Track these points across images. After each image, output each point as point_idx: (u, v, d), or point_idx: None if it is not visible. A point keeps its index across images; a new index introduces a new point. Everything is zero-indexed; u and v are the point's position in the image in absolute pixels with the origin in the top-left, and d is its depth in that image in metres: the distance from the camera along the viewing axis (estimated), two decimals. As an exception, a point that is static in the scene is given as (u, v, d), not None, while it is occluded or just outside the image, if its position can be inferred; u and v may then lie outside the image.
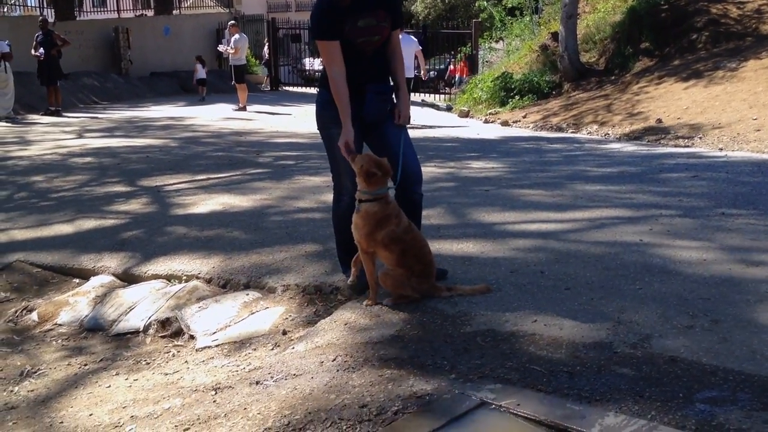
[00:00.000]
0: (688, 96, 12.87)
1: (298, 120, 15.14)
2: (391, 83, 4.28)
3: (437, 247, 4.95)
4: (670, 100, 12.96)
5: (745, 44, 14.16)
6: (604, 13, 18.01)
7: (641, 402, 2.78)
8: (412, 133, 4.22)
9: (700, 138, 10.93)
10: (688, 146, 10.65)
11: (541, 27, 20.06)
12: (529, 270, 4.45)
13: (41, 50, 16.30)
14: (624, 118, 12.98)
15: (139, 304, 4.67)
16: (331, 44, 3.96)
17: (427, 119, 15.29)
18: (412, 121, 4.26)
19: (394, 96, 4.22)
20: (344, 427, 2.74)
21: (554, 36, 17.42)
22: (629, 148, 10.76)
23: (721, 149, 10.11)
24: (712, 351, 3.19)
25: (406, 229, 3.91)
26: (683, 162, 8.74)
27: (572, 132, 13.14)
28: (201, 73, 20.94)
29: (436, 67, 25.47)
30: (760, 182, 7.08)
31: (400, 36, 4.43)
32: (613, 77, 15.78)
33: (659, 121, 12.18)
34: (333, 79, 4.00)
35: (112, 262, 5.37)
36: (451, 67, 25.80)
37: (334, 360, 3.36)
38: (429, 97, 21.36)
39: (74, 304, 4.87)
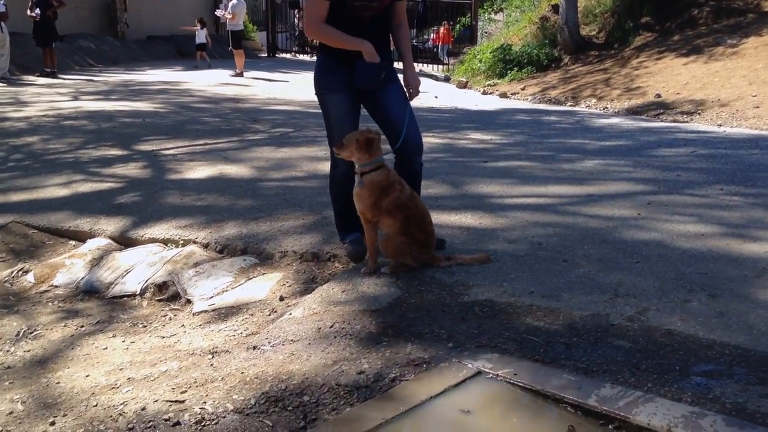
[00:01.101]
0: (687, 71, 12.83)
1: (295, 87, 15.06)
2: (392, 52, 4.24)
3: (436, 217, 4.92)
4: (670, 76, 12.91)
5: (746, 21, 14.09)
6: (606, -14, 17.89)
7: (637, 374, 2.79)
8: (411, 104, 4.19)
9: (699, 114, 10.92)
10: (686, 122, 10.64)
11: (542, -1, 19.92)
12: (527, 242, 4.45)
13: (37, 11, 16.12)
14: (623, 92, 12.94)
15: (136, 268, 4.66)
16: (320, 1, 3.86)
17: (425, 89, 15.21)
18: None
19: (402, 67, 4.19)
20: (341, 393, 2.75)
21: (555, 8, 17.30)
22: (628, 122, 10.74)
23: (719, 125, 10.10)
24: (709, 325, 3.21)
25: (410, 197, 3.90)
26: (682, 137, 8.73)
27: (570, 105, 13.10)
28: (200, 36, 19.85)
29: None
30: (758, 159, 7.08)
31: None
32: (612, 51, 15.71)
33: (658, 96, 12.15)
34: (315, 31, 3.94)
35: (109, 225, 5.35)
36: (433, 35, 25.57)
37: (332, 327, 3.36)
38: (427, 68, 21.23)
39: (70, 266, 4.86)
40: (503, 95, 14.77)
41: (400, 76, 4.16)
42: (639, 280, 3.75)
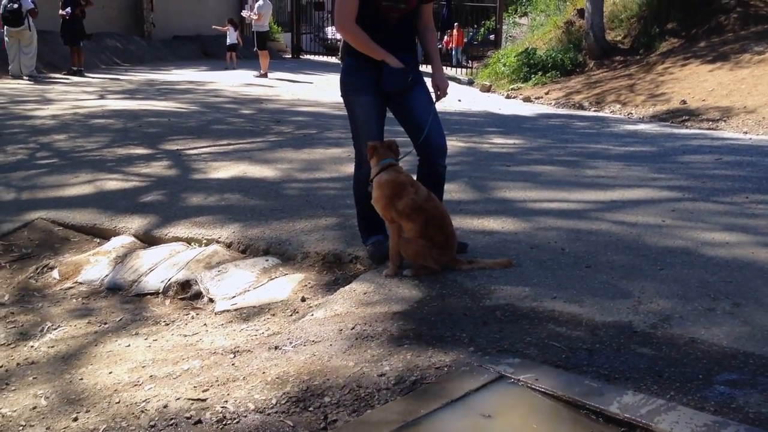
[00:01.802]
0: (713, 78, 12.72)
1: (320, 89, 15.10)
2: (419, 54, 4.26)
3: (458, 221, 4.94)
4: (695, 82, 12.81)
5: (775, 28, 13.96)
6: (632, -9, 17.78)
7: (660, 382, 2.77)
8: (435, 105, 4.20)
9: (725, 121, 10.83)
10: (712, 129, 10.55)
11: (567, 3, 19.83)
12: (550, 247, 4.43)
13: (68, 9, 16.29)
14: (647, 98, 12.86)
15: (159, 266, 4.70)
16: None
17: (449, 93, 15.16)
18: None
19: (431, 69, 4.20)
20: (362, 395, 2.76)
21: (580, 12, 17.22)
22: (652, 128, 10.67)
23: (745, 133, 10.01)
24: (733, 334, 3.18)
25: (427, 198, 3.91)
26: (707, 144, 8.66)
27: (594, 111, 13.04)
28: (232, 37, 19.56)
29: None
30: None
31: None
32: (638, 57, 15.60)
33: (683, 102, 12.06)
34: (346, 29, 3.96)
35: (133, 223, 5.40)
36: (445, 38, 25.45)
37: (353, 328, 3.37)
38: (451, 71, 21.22)
39: (95, 264, 4.90)
40: (527, 99, 14.72)
41: (426, 79, 4.17)
42: (663, 288, 3.73)
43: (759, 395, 2.67)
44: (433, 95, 4.20)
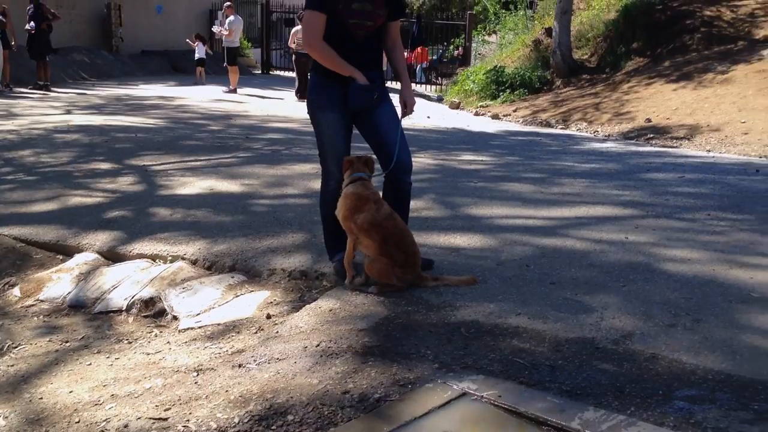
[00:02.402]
0: (677, 97, 12.92)
1: (290, 104, 15.10)
2: (385, 71, 4.29)
3: (425, 237, 4.96)
4: (660, 101, 13.00)
5: (737, 48, 14.22)
6: (599, 11, 18.04)
7: (621, 397, 2.80)
8: (403, 123, 4.22)
9: (688, 139, 10.99)
10: (675, 147, 10.71)
11: (535, 22, 20.06)
12: (515, 263, 4.47)
13: (32, 24, 16.14)
14: (613, 116, 13.02)
15: (123, 283, 4.65)
16: (317, 15, 3.95)
17: (418, 110, 15.25)
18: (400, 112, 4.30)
19: (399, 86, 4.24)
20: (326, 412, 2.75)
21: (548, 31, 17.43)
22: (618, 146, 10.81)
23: (708, 151, 10.17)
24: (693, 350, 3.22)
25: (387, 217, 3.93)
26: (671, 162, 8.79)
27: (561, 128, 13.17)
28: (200, 52, 19.59)
29: (430, 58, 25.41)
30: (746, 185, 7.12)
31: None
32: (604, 75, 15.82)
33: (648, 120, 12.23)
34: (313, 46, 4.00)
35: (97, 239, 5.34)
36: (407, 54, 25.56)
37: (318, 346, 3.36)
38: (420, 88, 21.33)
39: (57, 281, 4.84)
40: (495, 117, 14.84)
41: (393, 96, 4.20)
42: (625, 304, 3.77)
43: (717, 410, 2.70)
44: (399, 112, 4.22)
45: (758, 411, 2.70)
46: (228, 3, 18.93)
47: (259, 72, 25.35)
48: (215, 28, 19.31)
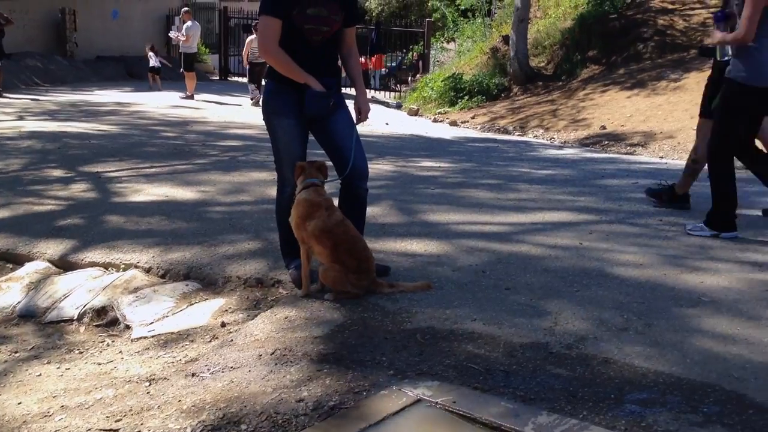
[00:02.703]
0: (631, 104, 13.13)
1: (247, 111, 15.01)
2: (342, 77, 4.29)
3: (381, 244, 4.97)
4: (615, 108, 13.20)
5: (689, 56, 14.49)
6: (555, 19, 18.27)
7: (574, 402, 2.82)
8: (361, 130, 4.23)
9: (642, 146, 11.17)
10: (630, 153, 10.88)
11: (493, 30, 20.24)
12: (471, 269, 4.49)
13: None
14: (569, 123, 13.19)
15: (75, 292, 4.58)
16: (273, 20, 3.93)
17: (377, 116, 15.30)
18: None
19: (354, 93, 4.25)
20: (280, 421, 2.73)
21: (505, 39, 17.60)
22: (573, 153, 10.94)
23: (662, 157, 10.34)
24: (644, 354, 3.27)
25: (338, 223, 3.92)
26: (625, 168, 8.92)
27: (518, 135, 13.30)
28: (154, 61, 19.68)
29: (388, 65, 25.48)
30: (698, 191, 7.23)
31: None
32: (560, 83, 16.02)
33: (603, 127, 12.41)
34: (269, 52, 3.98)
35: (48, 248, 5.25)
36: (363, 60, 25.62)
37: (273, 354, 3.34)
38: (379, 95, 21.37)
39: (7, 290, 4.75)
40: (453, 123, 14.93)
41: (349, 102, 4.20)
42: (578, 309, 3.81)
43: (668, 413, 2.74)
44: (354, 118, 4.22)
45: (707, 414, 2.75)
46: (185, 8, 18.81)
47: (217, 78, 25.17)
48: (172, 34, 19.14)
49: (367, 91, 19.83)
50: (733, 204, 5.24)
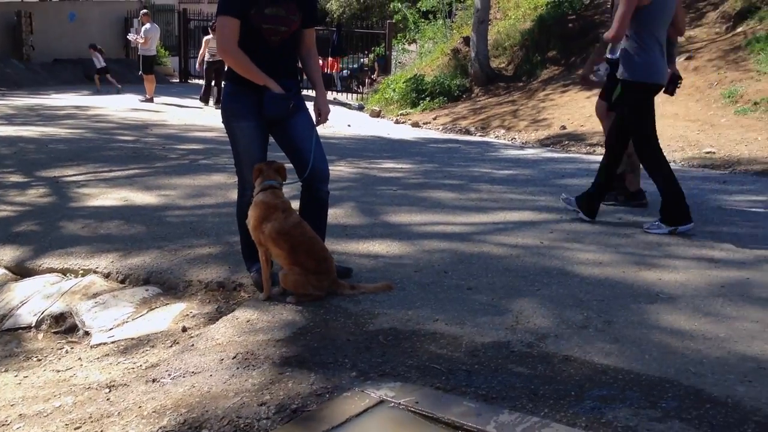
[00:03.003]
0: (591, 104, 13.15)
1: (208, 113, 14.89)
2: (303, 79, 4.29)
3: (343, 246, 4.96)
4: (574, 108, 13.33)
5: (646, 56, 14.70)
6: (515, 20, 18.41)
7: (535, 400, 2.85)
8: (324, 132, 4.22)
9: (601, 145, 11.23)
10: (589, 153, 10.98)
11: (454, 31, 20.33)
12: (433, 270, 4.50)
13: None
14: (530, 123, 13.29)
15: (32, 299, 4.51)
16: (230, 20, 3.91)
17: (339, 118, 15.29)
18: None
19: (316, 94, 4.25)
20: (242, 425, 2.72)
21: (466, 40, 17.69)
22: (534, 153, 11.02)
23: (620, 157, 10.46)
24: (604, 350, 3.31)
25: (295, 225, 3.91)
26: (585, 168, 9.00)
27: (480, 136, 13.36)
28: (100, 61, 19.77)
29: (350, 66, 25.47)
30: (656, 189, 7.34)
31: None
32: (521, 83, 16.14)
33: (563, 127, 12.52)
34: (228, 52, 3.96)
35: (4, 254, 5.16)
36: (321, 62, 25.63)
37: (235, 357, 3.32)
38: (341, 96, 21.35)
39: (-38, 298, 4.65)
40: (415, 124, 14.96)
41: (309, 104, 4.19)
42: (539, 307, 3.84)
43: (627, 409, 2.78)
44: (314, 120, 4.21)
45: (666, 409, 2.79)
46: (144, 10, 18.61)
47: (177, 81, 24.95)
48: (131, 36, 18.93)
49: (330, 93, 19.82)
50: (681, 195, 5.39)
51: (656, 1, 5.15)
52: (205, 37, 16.33)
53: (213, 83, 16.58)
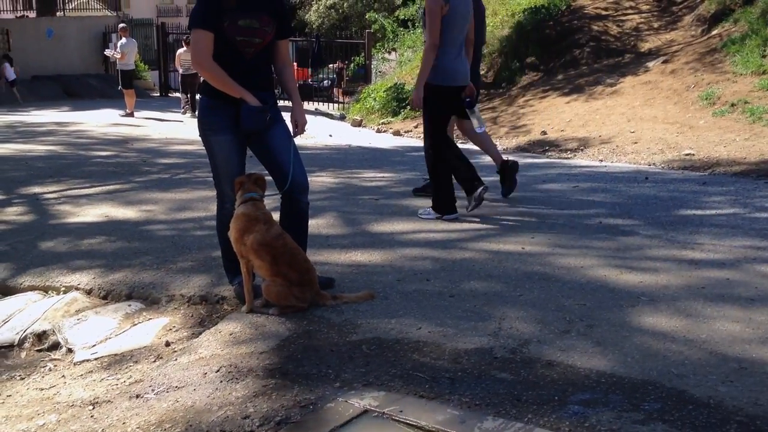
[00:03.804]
0: (570, 110, 13.35)
1: (189, 127, 14.83)
2: (276, 92, 4.30)
3: (325, 256, 4.97)
4: (554, 114, 13.41)
5: (624, 60, 14.82)
6: (493, 27, 18.46)
7: (518, 405, 2.86)
8: (305, 142, 4.23)
9: (582, 150, 11.36)
10: (570, 158, 11.05)
11: (433, 39, 20.36)
12: (416, 278, 4.52)
13: None
14: (510, 130, 13.35)
15: (14, 317, 4.48)
16: (204, 34, 3.92)
17: (320, 128, 15.29)
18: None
19: (292, 105, 4.24)
20: (226, 439, 2.71)
21: (443, 48, 17.72)
22: (514, 159, 11.04)
23: (601, 160, 10.53)
24: (587, 354, 3.33)
25: (277, 236, 3.92)
26: (565, 173, 9.07)
27: (461, 143, 13.37)
28: (9, 73, 20.29)
29: (330, 77, 25.52)
30: (636, 192, 7.42)
31: None
32: (500, 90, 16.21)
33: (544, 133, 12.59)
34: (202, 66, 3.96)
35: (-15, 273, 5.12)
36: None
37: (218, 371, 3.31)
38: (322, 106, 21.36)
39: (-58, 318, 4.61)
40: (396, 133, 14.98)
41: (285, 115, 4.20)
42: (522, 313, 3.86)
43: (611, 412, 2.80)
44: (291, 131, 4.22)
45: (648, 411, 2.81)
46: (122, 25, 18.55)
47: (157, 95, 24.89)
48: (108, 52, 18.89)
49: (312, 102, 19.78)
50: (451, 189, 6.06)
51: (452, 10, 5.69)
52: (178, 51, 16.34)
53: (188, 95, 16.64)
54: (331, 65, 25.96)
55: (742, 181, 8.12)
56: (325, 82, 25.35)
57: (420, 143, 13.56)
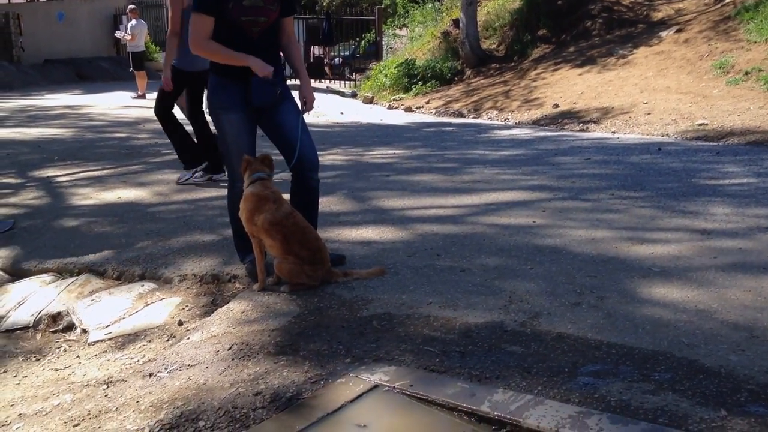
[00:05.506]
0: (583, 82, 13.25)
1: (200, 107, 14.84)
2: (285, 69, 4.27)
3: (337, 233, 4.98)
4: (566, 86, 13.31)
5: (637, 31, 14.67)
6: (504, 1, 18.33)
7: (528, 378, 2.87)
8: (316, 120, 4.23)
9: (595, 122, 11.29)
10: (582, 130, 10.99)
11: (443, 14, 20.24)
12: (426, 253, 4.52)
13: None
14: (522, 103, 13.27)
15: (29, 299, 4.52)
16: (204, 18, 3.91)
17: (332, 105, 15.27)
18: (316, 108, 4.28)
19: (299, 82, 4.22)
20: (237, 416, 2.73)
21: (455, 23, 17.63)
22: (527, 132, 11.01)
23: (613, 132, 10.47)
24: (597, 326, 3.32)
25: (287, 215, 3.92)
26: (577, 145, 9.02)
27: (473, 118, 13.35)
28: None
29: (342, 54, 25.42)
30: (648, 164, 7.37)
31: None
32: (512, 63, 16.10)
33: (556, 106, 12.51)
34: (199, 46, 3.97)
35: (0, 256, 5.17)
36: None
37: (230, 349, 3.34)
38: (334, 84, 21.31)
39: (-42, 302, 4.66)
40: (408, 109, 14.94)
41: (294, 93, 4.19)
42: (532, 286, 3.86)
43: (621, 383, 2.80)
44: (300, 108, 4.21)
45: (659, 381, 2.80)
46: (132, 6, 18.51)
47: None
48: (118, 33, 18.87)
49: (325, 80, 19.72)
50: (190, 146, 7.19)
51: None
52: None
53: None
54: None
55: (755, 150, 8.05)
56: (337, 59, 25.25)
57: (432, 119, 13.56)
